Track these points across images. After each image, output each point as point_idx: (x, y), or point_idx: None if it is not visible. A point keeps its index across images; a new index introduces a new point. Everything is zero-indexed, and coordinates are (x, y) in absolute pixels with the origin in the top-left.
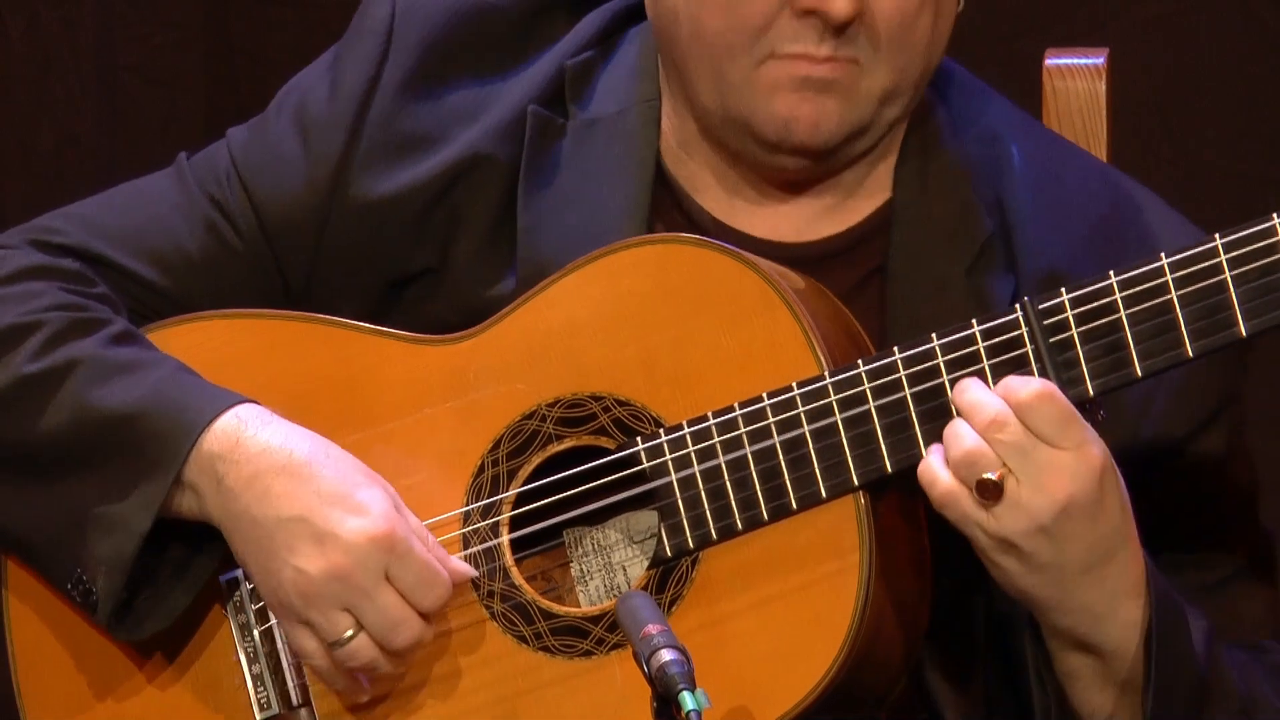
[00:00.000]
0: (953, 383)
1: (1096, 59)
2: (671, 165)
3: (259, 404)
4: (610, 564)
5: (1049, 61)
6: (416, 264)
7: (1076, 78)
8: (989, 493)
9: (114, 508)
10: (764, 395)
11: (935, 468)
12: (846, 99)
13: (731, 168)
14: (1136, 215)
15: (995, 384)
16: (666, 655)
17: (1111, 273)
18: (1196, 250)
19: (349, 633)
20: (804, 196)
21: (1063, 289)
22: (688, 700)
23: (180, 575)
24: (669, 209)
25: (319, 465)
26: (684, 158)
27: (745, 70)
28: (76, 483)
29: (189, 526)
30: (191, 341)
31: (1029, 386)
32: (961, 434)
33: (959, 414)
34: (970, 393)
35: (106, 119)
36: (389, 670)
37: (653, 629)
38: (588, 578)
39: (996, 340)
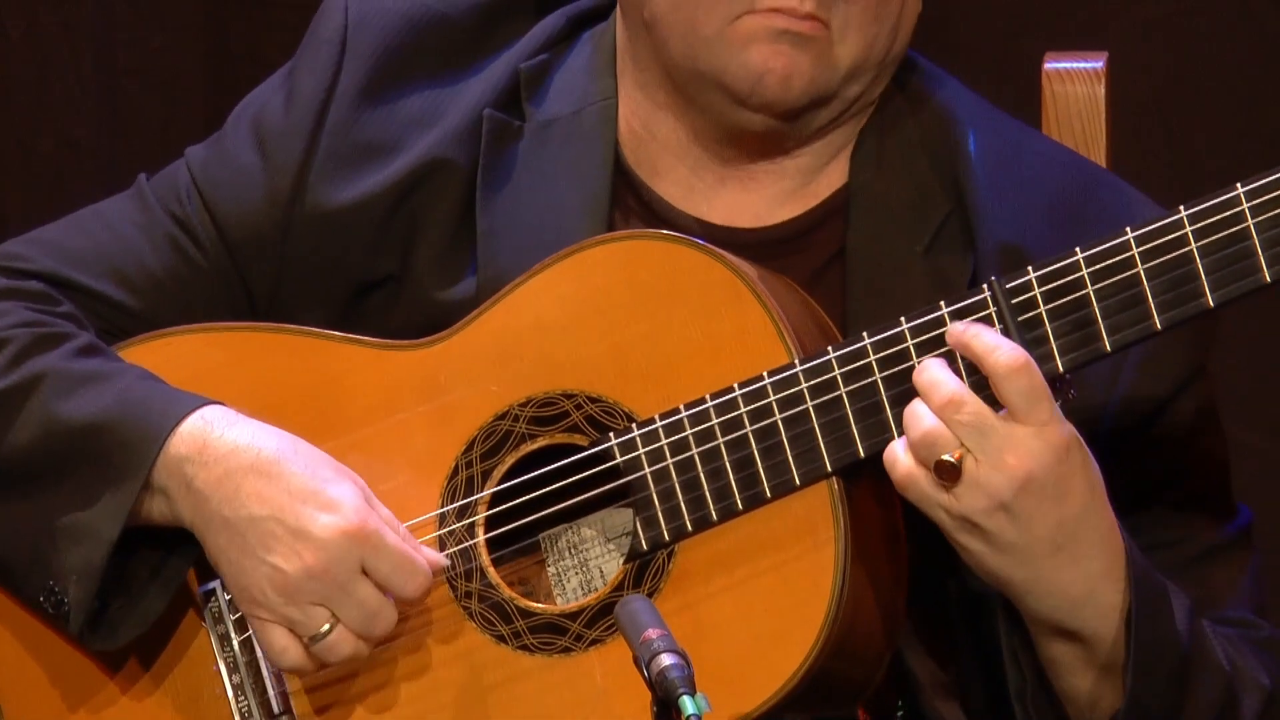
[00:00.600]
0: None
1: (1095, 63)
2: (630, 157)
3: (222, 404)
4: (587, 561)
5: (1048, 65)
6: (379, 271)
7: (1076, 81)
8: (947, 473)
9: (83, 517)
10: (735, 385)
11: (897, 451)
12: (819, 60)
13: (694, 143)
14: (1095, 190)
15: (964, 367)
16: (667, 660)
17: (1078, 249)
18: (1162, 223)
19: (325, 627)
20: (763, 179)
21: (1029, 267)
22: (688, 705)
23: (153, 581)
24: (627, 200)
25: (288, 462)
26: (644, 142)
27: (720, 24)
28: (47, 495)
29: (161, 532)
30: (161, 358)
31: (1011, 356)
32: (919, 415)
33: (918, 394)
34: (929, 372)
35: (106, 122)
36: (363, 658)
37: (652, 633)
38: (565, 575)
39: (965, 320)
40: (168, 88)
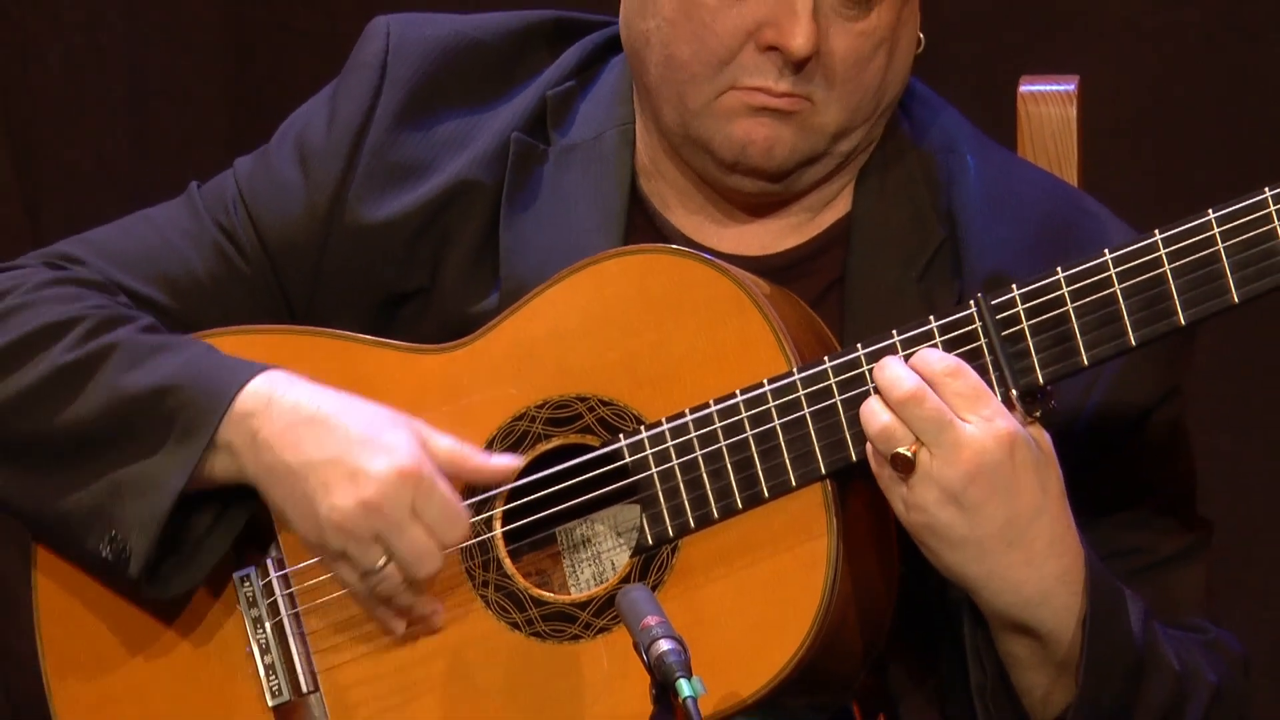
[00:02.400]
0: None
1: (1068, 86)
2: (645, 184)
3: (285, 369)
4: (600, 554)
5: (1023, 88)
6: (409, 284)
7: (1049, 103)
8: (902, 465)
9: (149, 469)
10: (738, 392)
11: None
12: (800, 129)
13: (697, 189)
14: (1079, 219)
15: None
16: (665, 645)
17: (1059, 269)
18: (1137, 246)
19: (380, 561)
20: (768, 217)
21: (1013, 285)
22: (684, 687)
23: (207, 538)
24: (642, 226)
25: (347, 413)
26: (655, 176)
27: (707, 97)
28: (114, 453)
29: (216, 495)
30: None
31: (942, 361)
32: (875, 411)
33: (876, 390)
34: (889, 369)
35: (137, 140)
36: (409, 600)
37: (651, 620)
38: (579, 567)
39: (953, 335)
40: (194, 108)
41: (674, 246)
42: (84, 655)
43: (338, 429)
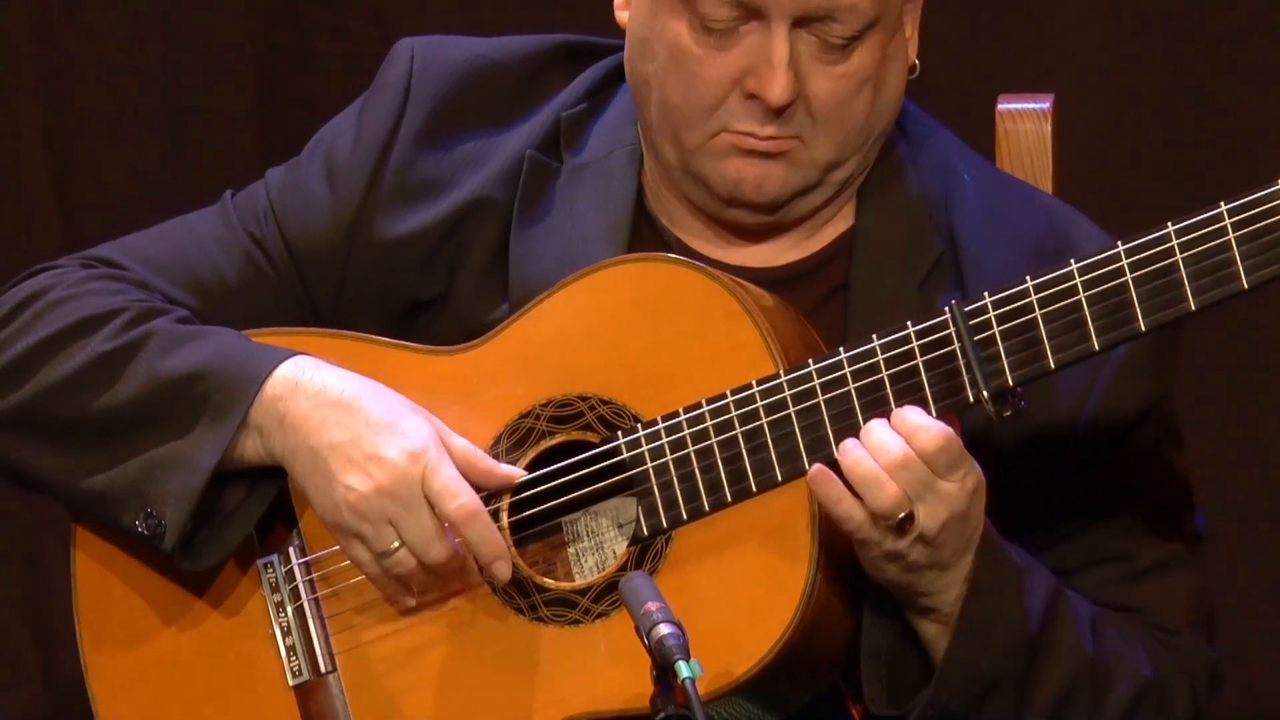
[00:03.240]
0: (891, 378)
1: (1043, 104)
2: (651, 201)
3: (312, 356)
4: (602, 544)
5: (1001, 106)
6: (427, 293)
7: (1026, 120)
8: (905, 525)
9: (184, 448)
10: (728, 393)
11: (847, 501)
12: (790, 165)
13: (697, 217)
14: (1070, 236)
15: (926, 380)
16: (665, 629)
17: (1028, 278)
18: (1102, 256)
19: (395, 544)
20: (769, 236)
21: (985, 292)
22: (683, 669)
23: (236, 513)
24: (649, 238)
25: (368, 398)
26: (660, 197)
27: (701, 139)
28: (151, 434)
29: (245, 474)
30: None
31: (931, 435)
32: (883, 481)
33: (869, 450)
34: (876, 434)
35: (170, 156)
36: (424, 582)
37: (652, 606)
38: (582, 556)
39: (928, 339)
40: (224, 125)
41: (670, 255)
42: (118, 634)
43: (359, 414)
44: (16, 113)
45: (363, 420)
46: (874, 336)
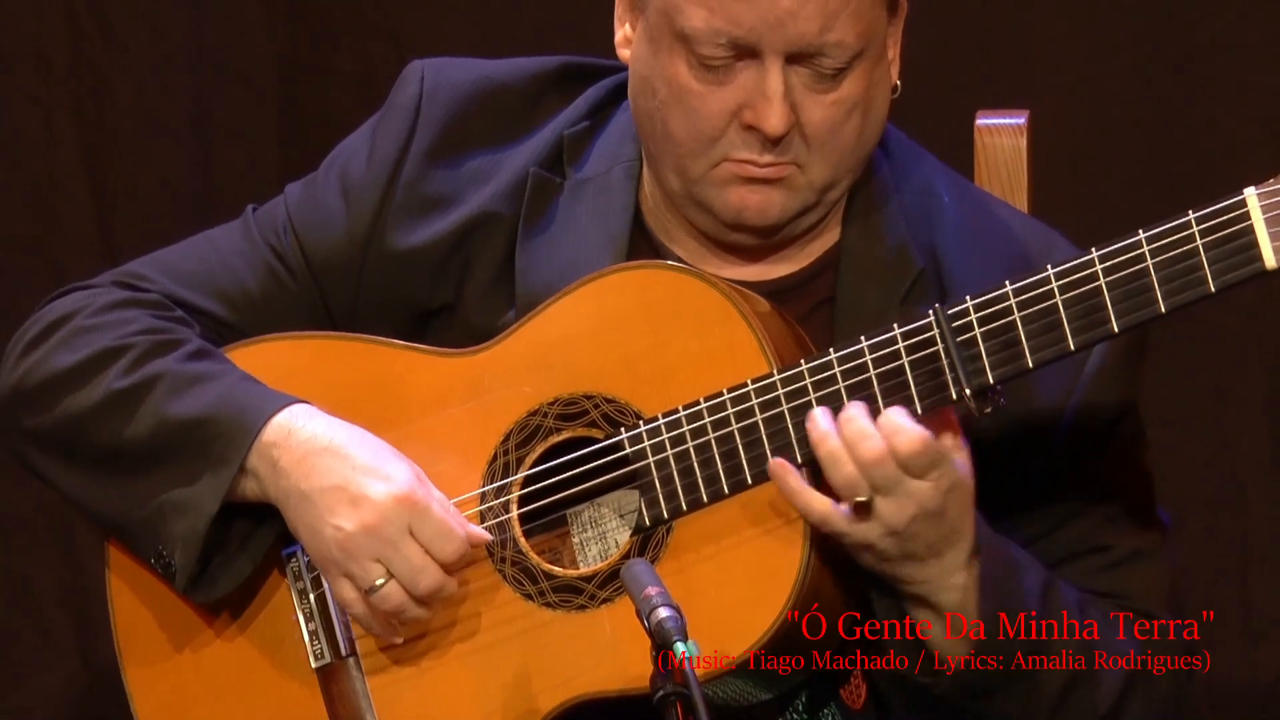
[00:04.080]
0: (878, 377)
1: (1019, 119)
2: (649, 218)
3: (308, 403)
4: (605, 533)
5: (979, 121)
6: (436, 301)
7: (1002, 135)
8: (860, 510)
9: (189, 494)
10: (724, 391)
11: (807, 493)
12: (789, 190)
13: (694, 238)
14: (1044, 255)
15: (912, 379)
16: (664, 612)
17: (1007, 283)
18: (1077, 262)
19: (380, 580)
20: (763, 254)
21: (967, 296)
22: (681, 649)
23: (244, 547)
24: (644, 251)
25: (354, 446)
26: (658, 215)
27: (704, 168)
28: (159, 475)
29: (251, 508)
30: (258, 359)
31: (909, 438)
32: (840, 461)
33: (844, 441)
34: (856, 424)
35: (198, 168)
36: (417, 615)
37: (652, 590)
38: (586, 545)
39: (913, 340)
40: (248, 140)
41: (670, 262)
42: (150, 622)
43: (346, 459)
44: (55, 129)
45: (349, 465)
46: (862, 338)
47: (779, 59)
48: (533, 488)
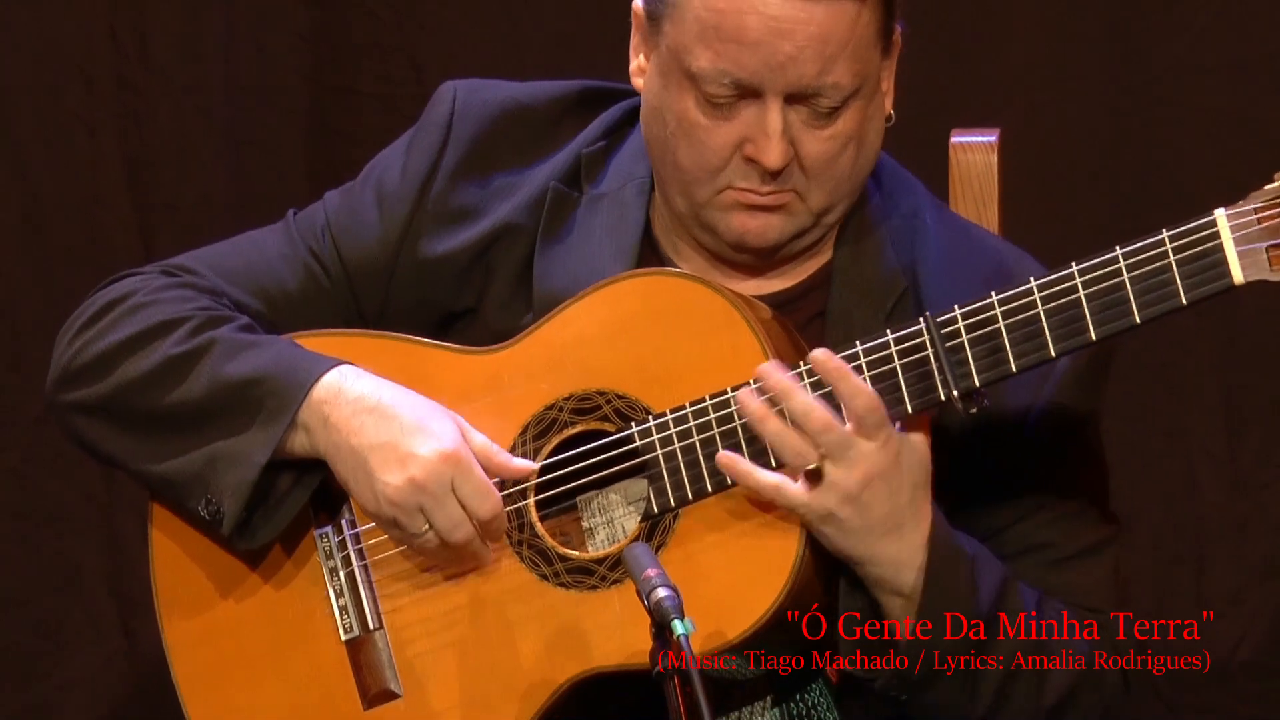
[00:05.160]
0: (872, 379)
1: (990, 137)
2: (659, 231)
3: (355, 365)
4: (613, 519)
5: (953, 139)
6: (460, 305)
7: (975, 152)
8: (812, 477)
9: (241, 445)
10: (728, 389)
11: (758, 473)
12: (788, 215)
13: (698, 251)
14: (1016, 276)
15: (903, 381)
16: (662, 592)
17: (993, 293)
18: (1058, 275)
19: (424, 528)
20: (764, 270)
21: (955, 305)
22: (678, 626)
23: (283, 501)
24: (652, 263)
25: (401, 405)
26: (667, 228)
27: (709, 194)
28: (211, 430)
29: (292, 465)
30: None
31: (867, 402)
32: (784, 433)
33: (793, 418)
34: (801, 401)
35: (234, 183)
36: (449, 558)
37: (651, 572)
38: (596, 530)
39: (905, 345)
40: (279, 157)
41: (677, 269)
42: (190, 598)
43: (393, 418)
44: (100, 146)
45: (396, 423)
46: (858, 342)
47: (779, 99)
48: (549, 476)
